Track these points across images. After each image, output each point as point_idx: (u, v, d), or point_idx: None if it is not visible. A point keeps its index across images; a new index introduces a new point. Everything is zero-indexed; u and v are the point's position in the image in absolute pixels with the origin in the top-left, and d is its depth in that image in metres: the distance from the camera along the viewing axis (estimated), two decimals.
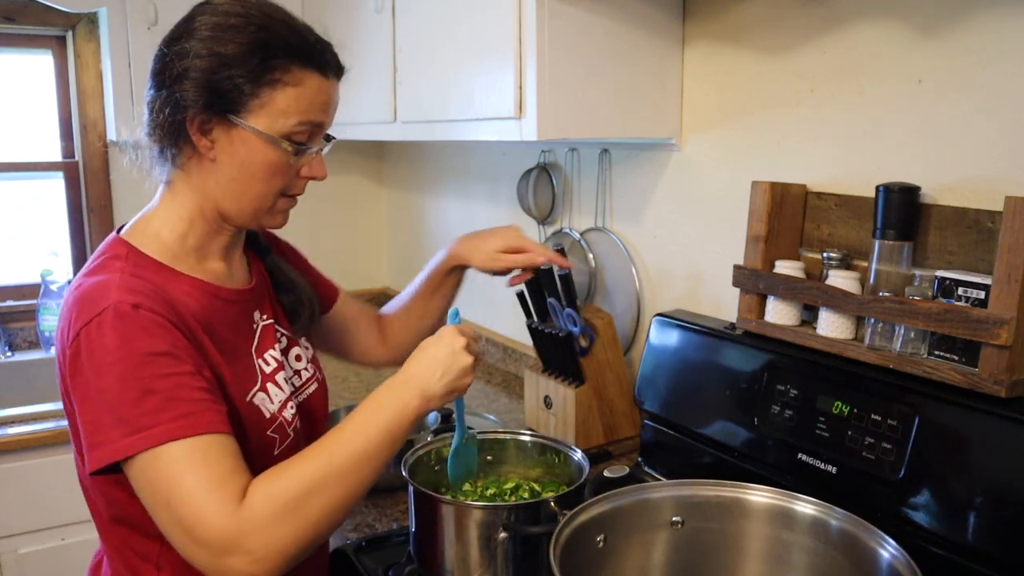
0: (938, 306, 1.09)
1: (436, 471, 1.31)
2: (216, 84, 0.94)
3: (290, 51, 0.96)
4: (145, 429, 0.85)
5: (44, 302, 2.43)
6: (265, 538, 0.84)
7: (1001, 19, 1.13)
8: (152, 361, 0.87)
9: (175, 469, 0.84)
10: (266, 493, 0.86)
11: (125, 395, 0.85)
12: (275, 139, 0.97)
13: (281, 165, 0.99)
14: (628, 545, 1.05)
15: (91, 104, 2.54)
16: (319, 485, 0.88)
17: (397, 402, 0.96)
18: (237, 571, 0.84)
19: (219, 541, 0.83)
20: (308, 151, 1.01)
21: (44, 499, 1.97)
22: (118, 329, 0.87)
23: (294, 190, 1.04)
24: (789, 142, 1.45)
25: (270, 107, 0.96)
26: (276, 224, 1.06)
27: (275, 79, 0.95)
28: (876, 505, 1.10)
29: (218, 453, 0.87)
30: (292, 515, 0.86)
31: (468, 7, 1.65)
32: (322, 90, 0.99)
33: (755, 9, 1.49)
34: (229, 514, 0.83)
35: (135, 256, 0.98)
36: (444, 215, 2.68)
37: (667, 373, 1.49)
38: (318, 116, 1.00)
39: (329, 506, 0.89)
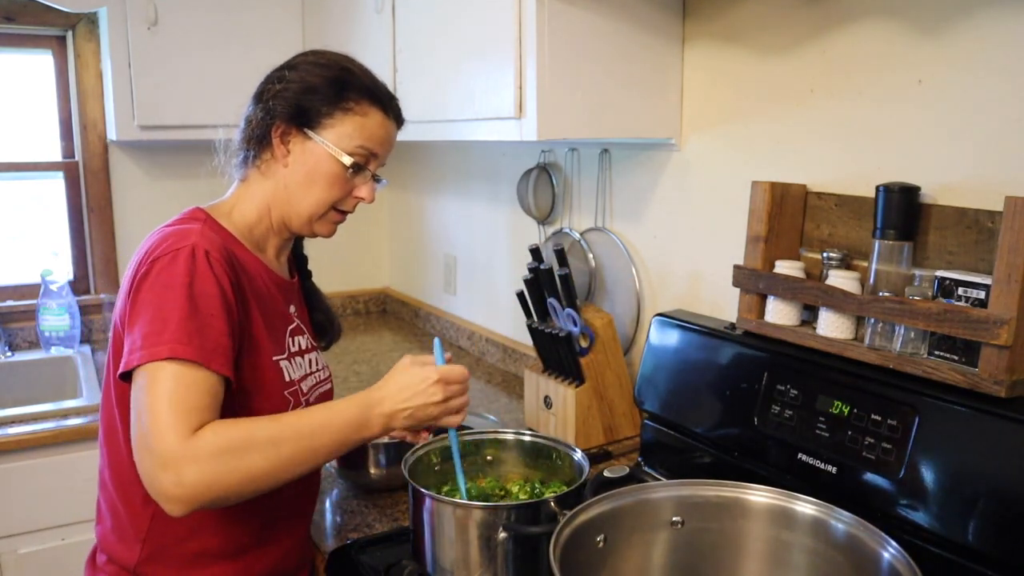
0: (938, 306, 1.09)
1: (436, 471, 1.31)
2: (301, 103, 1.16)
3: (364, 89, 1.18)
4: (174, 343, 0.98)
5: (44, 302, 2.43)
6: (198, 468, 0.93)
7: (1001, 19, 1.13)
8: (202, 297, 1.02)
9: (167, 387, 0.96)
10: (215, 432, 0.97)
11: (173, 312, 0.99)
12: (339, 153, 1.16)
13: (339, 178, 1.17)
14: (628, 545, 1.05)
15: (91, 104, 2.54)
16: (262, 447, 0.99)
17: (362, 423, 1.08)
18: (164, 488, 0.93)
19: (161, 456, 0.93)
20: (363, 172, 1.20)
21: (44, 499, 1.97)
22: (188, 265, 1.03)
23: (346, 206, 1.22)
24: (789, 142, 1.45)
25: (339, 128, 1.16)
26: (325, 232, 1.23)
27: (348, 107, 1.16)
28: (876, 505, 1.10)
29: (207, 388, 0.99)
30: (228, 459, 0.96)
31: (468, 7, 1.65)
32: (383, 126, 1.20)
33: (755, 9, 1.49)
34: (180, 436, 0.94)
35: (212, 223, 1.15)
36: (444, 215, 2.68)
37: (667, 373, 1.49)
38: (376, 146, 1.19)
39: (263, 468, 0.98)
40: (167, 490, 0.93)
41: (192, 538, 1.14)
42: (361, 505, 1.48)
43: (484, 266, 2.47)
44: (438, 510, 1.15)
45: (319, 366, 1.29)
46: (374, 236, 3.12)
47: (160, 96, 2.29)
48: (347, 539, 1.35)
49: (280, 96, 1.16)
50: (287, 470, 1.01)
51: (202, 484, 0.94)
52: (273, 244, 1.24)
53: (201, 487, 0.94)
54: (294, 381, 1.18)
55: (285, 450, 1.00)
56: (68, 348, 2.46)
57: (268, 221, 1.21)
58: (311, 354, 1.28)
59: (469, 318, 2.59)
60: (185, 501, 0.94)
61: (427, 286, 2.85)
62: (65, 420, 2.00)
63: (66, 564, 2.00)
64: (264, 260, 1.21)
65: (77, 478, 1.99)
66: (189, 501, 0.94)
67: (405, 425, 1.11)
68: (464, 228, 2.57)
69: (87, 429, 1.97)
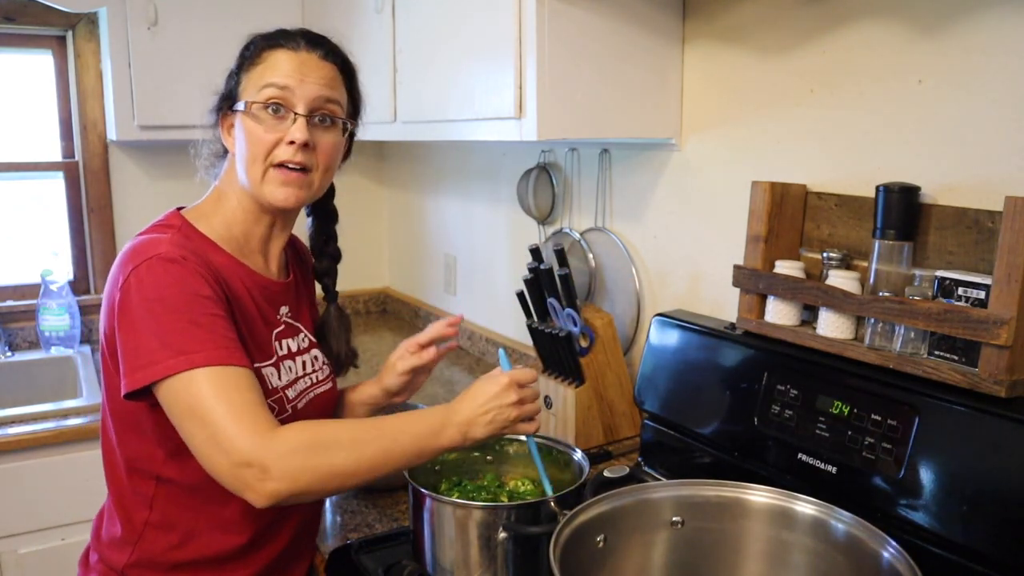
0: (938, 306, 1.09)
1: (436, 471, 1.31)
2: (225, 89, 1.16)
3: (261, 40, 1.15)
4: (190, 353, 0.97)
5: (44, 302, 2.43)
6: (284, 462, 0.95)
7: (1001, 19, 1.13)
8: (198, 300, 1.01)
9: (212, 390, 0.96)
10: (301, 429, 0.99)
11: (174, 324, 0.98)
12: (247, 105, 1.11)
13: (256, 129, 1.11)
14: (628, 545, 1.05)
15: (91, 104, 2.54)
16: (346, 445, 1.00)
17: (439, 430, 1.07)
18: (249, 483, 0.95)
19: (243, 454, 0.95)
20: (285, 117, 1.11)
21: (44, 499, 1.97)
22: (169, 271, 1.01)
23: (279, 157, 1.12)
24: (789, 142, 1.45)
25: (248, 87, 1.13)
26: (277, 199, 1.13)
27: (252, 64, 1.13)
28: (876, 505, 1.10)
29: (248, 384, 1.00)
30: (314, 454, 0.97)
31: (468, 7, 1.65)
32: (287, 60, 1.12)
33: (755, 9, 1.49)
34: (261, 434, 0.96)
35: (187, 228, 1.12)
36: (444, 215, 2.68)
37: (667, 373, 1.49)
38: (282, 78, 1.11)
39: (345, 465, 1.00)
40: (252, 486, 0.95)
41: (183, 547, 1.13)
42: (361, 505, 1.48)
43: (484, 266, 2.47)
44: (438, 510, 1.15)
45: (317, 366, 1.27)
46: (374, 236, 3.12)
47: (160, 96, 2.29)
48: (347, 539, 1.35)
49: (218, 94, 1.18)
50: (368, 470, 1.02)
51: (288, 476, 0.95)
52: (256, 238, 1.18)
53: (287, 479, 0.95)
54: (277, 388, 1.15)
55: (368, 450, 1.01)
56: (68, 348, 2.46)
57: (243, 215, 1.17)
58: (307, 354, 1.25)
59: (469, 318, 2.59)
60: (267, 494, 0.95)
61: (427, 286, 2.85)
62: (65, 420, 2.00)
63: (66, 564, 2.00)
64: (246, 263, 1.16)
65: (77, 478, 1.98)
66: (270, 495, 0.95)
67: (487, 432, 1.09)
68: (464, 228, 2.57)
69: (87, 429, 1.97)
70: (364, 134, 2.29)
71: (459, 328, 1.38)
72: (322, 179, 1.16)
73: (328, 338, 1.34)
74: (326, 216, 1.35)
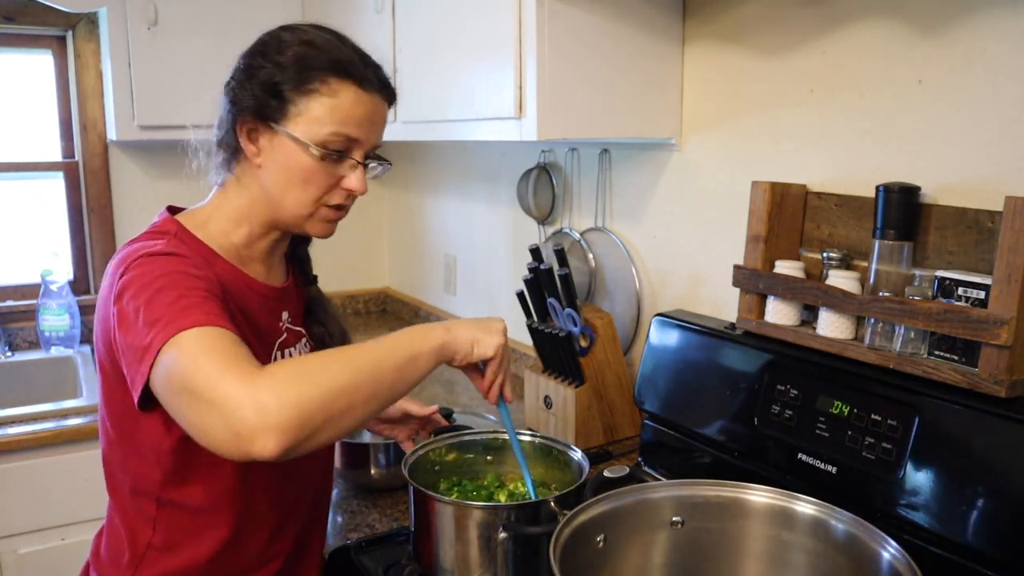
0: (938, 306, 1.09)
1: (436, 471, 1.31)
2: (263, 93, 1.02)
3: (328, 65, 1.02)
4: (177, 319, 0.88)
5: (44, 302, 2.43)
6: (279, 392, 0.83)
7: (1001, 19, 1.13)
8: (188, 277, 0.95)
9: (199, 346, 0.86)
10: (284, 363, 0.90)
11: (163, 300, 0.91)
12: (307, 145, 1.02)
13: (316, 172, 1.04)
14: (628, 545, 1.05)
15: (91, 104, 2.54)
16: (339, 360, 0.92)
17: (423, 330, 1.02)
18: (248, 423, 0.82)
19: (233, 398, 0.83)
20: (345, 161, 1.06)
21: (44, 499, 1.97)
22: (163, 261, 0.96)
23: (334, 200, 1.08)
24: (789, 142, 1.45)
25: (307, 115, 1.02)
26: (319, 232, 1.11)
27: (312, 89, 1.02)
28: (876, 505, 1.10)
29: (233, 340, 0.89)
30: (309, 375, 0.87)
31: (468, 7, 1.65)
32: (359, 104, 1.04)
33: (755, 9, 1.49)
34: (243, 374, 0.84)
35: (182, 234, 1.06)
36: (444, 215, 2.68)
37: (667, 373, 1.49)
38: (353, 129, 1.04)
39: (346, 378, 0.89)
40: (252, 425, 0.81)
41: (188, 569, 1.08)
42: (361, 505, 1.48)
43: (484, 266, 2.47)
44: (438, 510, 1.15)
45: None
46: (374, 236, 3.12)
47: (160, 96, 2.29)
48: (347, 539, 1.35)
49: (243, 87, 1.03)
50: (370, 380, 0.91)
51: (289, 403, 0.83)
52: (259, 248, 1.12)
53: (289, 406, 0.83)
54: None
55: (362, 359, 0.92)
56: (68, 348, 2.46)
57: (249, 227, 1.09)
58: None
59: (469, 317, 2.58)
60: (278, 429, 0.82)
61: (427, 286, 2.85)
62: (65, 420, 2.00)
63: (66, 564, 2.00)
64: (245, 271, 1.10)
65: (77, 478, 1.99)
66: (282, 428, 0.82)
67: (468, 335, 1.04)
68: (464, 228, 2.57)
69: (87, 429, 1.97)
70: None
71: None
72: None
73: (323, 319, 1.25)
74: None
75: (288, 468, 1.11)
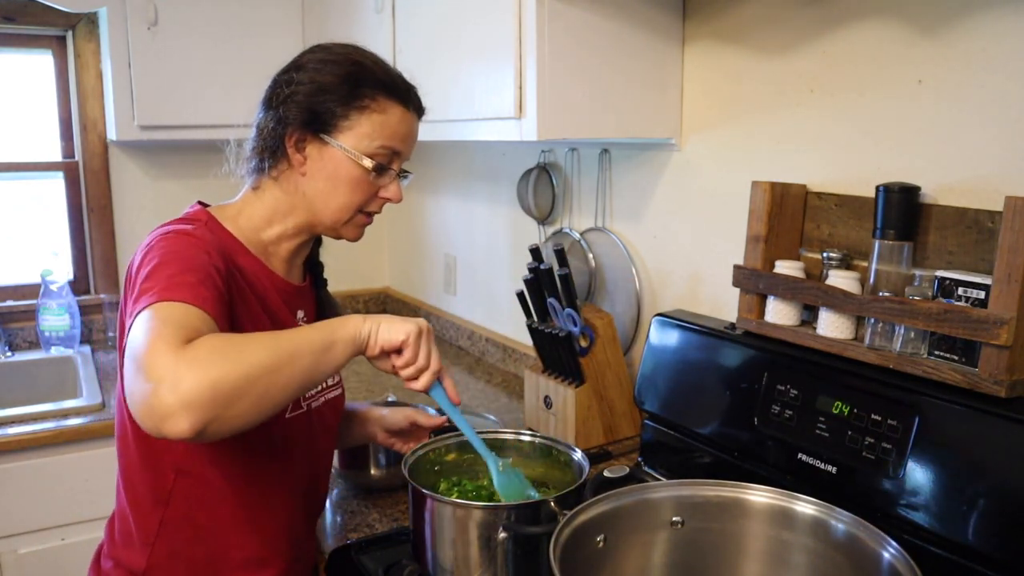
0: (938, 306, 1.09)
1: (436, 471, 1.31)
2: (313, 107, 1.10)
3: (378, 84, 1.12)
4: (171, 290, 0.93)
5: (44, 302, 2.43)
6: (197, 370, 0.84)
7: (1001, 20, 1.13)
8: (197, 260, 1.00)
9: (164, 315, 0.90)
10: (210, 337, 0.90)
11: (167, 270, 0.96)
12: (359, 156, 1.11)
13: (362, 181, 1.13)
14: (628, 545, 1.05)
15: (91, 104, 2.54)
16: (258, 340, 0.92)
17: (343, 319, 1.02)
18: (163, 400, 0.83)
19: (155, 369, 0.84)
20: (387, 173, 1.15)
21: (44, 499, 1.97)
22: (180, 238, 1.02)
23: (372, 207, 1.18)
24: (789, 142, 1.45)
25: (357, 129, 1.11)
26: (352, 236, 1.20)
27: (363, 105, 1.10)
28: (876, 505, 1.10)
29: (196, 315, 0.92)
30: (226, 353, 0.87)
31: (468, 7, 1.65)
32: (404, 121, 1.15)
33: (755, 9, 1.49)
34: (173, 347, 0.86)
35: (213, 224, 1.12)
36: (444, 215, 2.68)
37: (667, 373, 1.49)
38: (398, 144, 1.14)
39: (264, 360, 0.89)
40: (166, 401, 0.82)
41: (201, 545, 1.13)
42: (361, 505, 1.48)
43: (484, 266, 2.47)
44: (438, 510, 1.15)
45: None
46: (374, 236, 3.11)
47: (160, 96, 2.29)
48: (347, 539, 1.35)
49: (290, 101, 1.10)
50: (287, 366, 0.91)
51: (205, 382, 0.83)
52: (286, 248, 1.19)
53: (204, 386, 0.83)
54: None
55: (283, 344, 0.93)
56: (68, 348, 2.46)
57: (281, 227, 1.16)
58: None
59: (469, 318, 2.59)
60: (190, 408, 0.82)
61: (427, 286, 2.85)
62: (65, 420, 2.00)
63: (66, 564, 2.00)
64: (269, 265, 1.17)
65: (77, 478, 1.99)
66: (194, 407, 0.83)
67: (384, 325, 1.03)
68: (464, 228, 2.57)
69: (87, 429, 1.98)
70: None
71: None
72: None
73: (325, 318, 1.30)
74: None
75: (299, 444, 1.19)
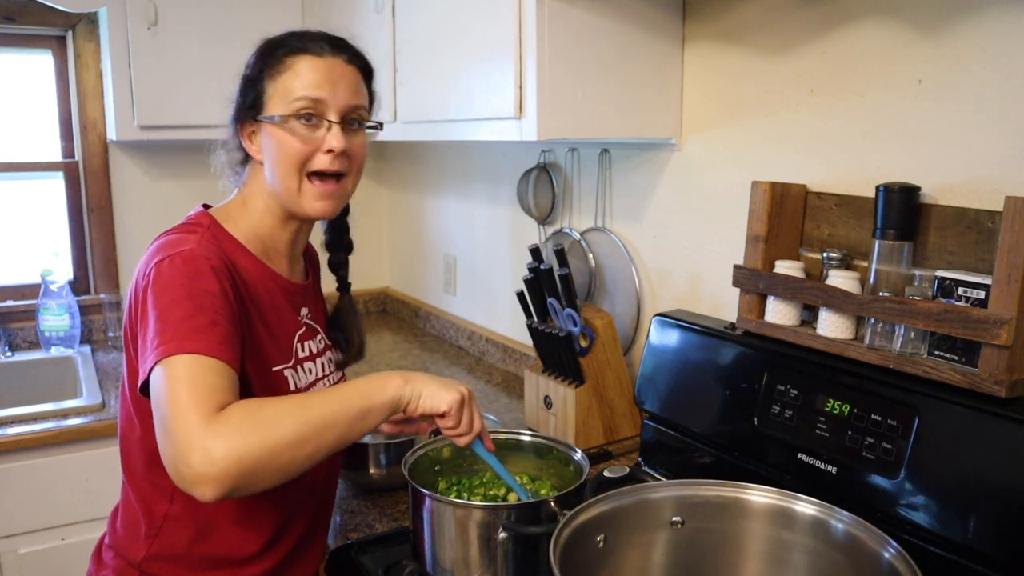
0: (938, 306, 1.09)
1: (436, 471, 1.31)
2: (246, 98, 1.15)
3: (283, 47, 1.14)
4: (182, 339, 0.97)
5: (44, 302, 2.43)
6: (226, 442, 0.90)
7: (1001, 19, 1.13)
8: (204, 295, 1.02)
9: (185, 375, 0.94)
10: (243, 407, 0.95)
11: (176, 312, 0.99)
12: (281, 118, 1.12)
13: (291, 140, 1.12)
14: (628, 545, 1.05)
15: (91, 104, 2.54)
16: (289, 411, 0.97)
17: (380, 379, 1.07)
18: (194, 469, 0.89)
19: (187, 438, 0.90)
20: (321, 124, 1.13)
21: (44, 499, 1.97)
22: (186, 265, 1.03)
23: (315, 165, 1.14)
24: (789, 142, 1.45)
25: (276, 97, 1.13)
26: (317, 210, 1.16)
27: (275, 73, 1.13)
28: (876, 505, 1.10)
29: (219, 374, 0.96)
30: (256, 428, 0.92)
31: (468, 7, 1.65)
32: (316, 68, 1.13)
33: (755, 9, 1.49)
34: (203, 415, 0.91)
35: (216, 228, 1.14)
36: (444, 215, 2.68)
37: (667, 373, 1.49)
38: (315, 91, 1.12)
39: (292, 438, 0.94)
40: (196, 470, 0.89)
41: (203, 541, 1.14)
42: (361, 505, 1.48)
43: (484, 266, 2.47)
44: (438, 510, 1.16)
45: (331, 368, 1.29)
46: (374, 236, 3.12)
47: (160, 96, 2.29)
48: (347, 539, 1.35)
49: (234, 103, 1.17)
50: (318, 439, 0.97)
51: (233, 456, 0.89)
52: (283, 241, 1.21)
53: (232, 460, 0.89)
54: (300, 389, 1.18)
55: (315, 414, 0.97)
56: (68, 348, 2.46)
57: (271, 220, 1.19)
58: (323, 356, 1.27)
59: (469, 318, 2.59)
60: (217, 480, 0.89)
61: (427, 286, 2.85)
62: (65, 420, 2.00)
63: (66, 564, 2.00)
64: (270, 265, 1.19)
65: (77, 478, 1.99)
66: (221, 480, 0.89)
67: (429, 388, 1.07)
68: (464, 228, 2.57)
69: (87, 429, 1.97)
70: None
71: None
72: (355, 183, 1.21)
73: (347, 326, 1.35)
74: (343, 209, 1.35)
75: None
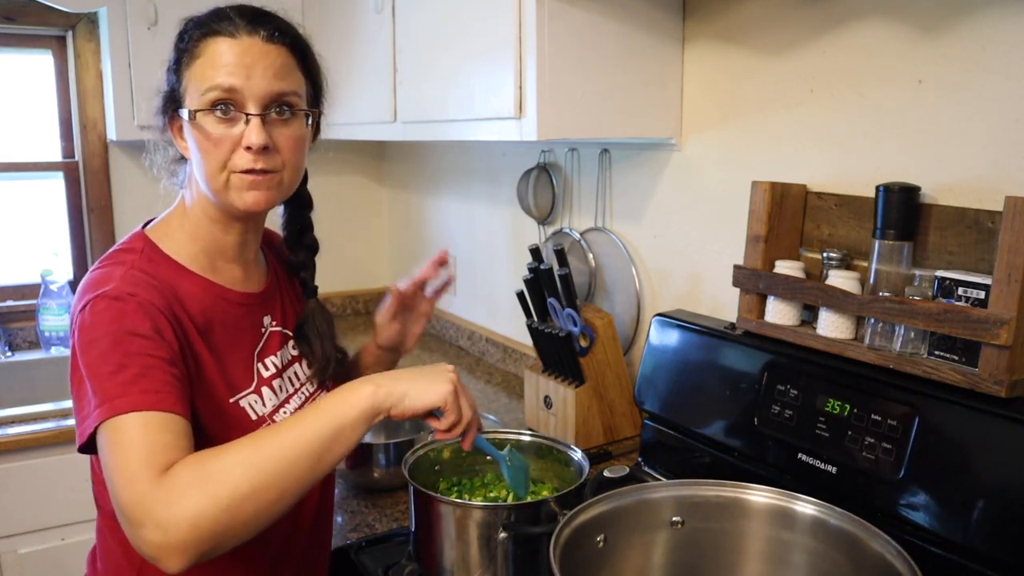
0: (938, 306, 1.09)
1: (436, 471, 1.31)
2: (168, 92, 1.03)
3: (199, 28, 1.00)
4: (114, 399, 0.87)
5: (44, 302, 2.43)
6: (177, 509, 0.80)
7: (1001, 19, 1.13)
8: (132, 339, 0.90)
9: (125, 439, 0.85)
10: (189, 465, 0.84)
11: (103, 368, 0.89)
12: (191, 114, 0.99)
13: (207, 136, 0.98)
14: (628, 545, 1.05)
15: (91, 104, 2.54)
16: (238, 467, 0.84)
17: (345, 393, 0.93)
18: (149, 543, 0.80)
19: (135, 512, 0.81)
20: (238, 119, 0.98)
21: (44, 499, 1.97)
22: (109, 310, 0.92)
23: (238, 164, 0.99)
24: (789, 142, 1.45)
25: (191, 87, 0.99)
26: (247, 203, 1.01)
27: (189, 61, 1.00)
28: (876, 505, 1.10)
29: (163, 428, 0.86)
30: (207, 488, 0.82)
31: (468, 7, 1.65)
32: (227, 51, 0.97)
33: (755, 9, 1.49)
34: (148, 481, 0.82)
35: (150, 251, 1.02)
36: (444, 215, 2.68)
37: (667, 373, 1.49)
38: (226, 78, 0.96)
39: (247, 489, 0.83)
40: (154, 543, 0.80)
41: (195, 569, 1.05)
42: (361, 505, 1.48)
43: (484, 266, 2.47)
44: (438, 510, 1.15)
45: (305, 377, 1.17)
46: (374, 236, 3.12)
47: None
48: (347, 539, 1.35)
49: (160, 92, 1.04)
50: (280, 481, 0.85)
51: (182, 519, 0.80)
52: (229, 245, 1.07)
53: (185, 528, 0.79)
54: (264, 417, 1.07)
55: (266, 454, 0.86)
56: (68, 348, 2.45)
57: (209, 224, 1.05)
58: (291, 368, 1.16)
59: (469, 318, 2.59)
60: (177, 550, 0.80)
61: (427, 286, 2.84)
62: (65, 420, 2.00)
63: (66, 564, 2.00)
64: (218, 280, 1.06)
65: (77, 478, 1.98)
66: (182, 549, 0.80)
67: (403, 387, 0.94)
68: (464, 228, 2.57)
69: None
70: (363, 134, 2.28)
71: (448, 261, 1.26)
72: (292, 177, 1.05)
73: (310, 339, 1.18)
74: (299, 203, 1.20)
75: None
